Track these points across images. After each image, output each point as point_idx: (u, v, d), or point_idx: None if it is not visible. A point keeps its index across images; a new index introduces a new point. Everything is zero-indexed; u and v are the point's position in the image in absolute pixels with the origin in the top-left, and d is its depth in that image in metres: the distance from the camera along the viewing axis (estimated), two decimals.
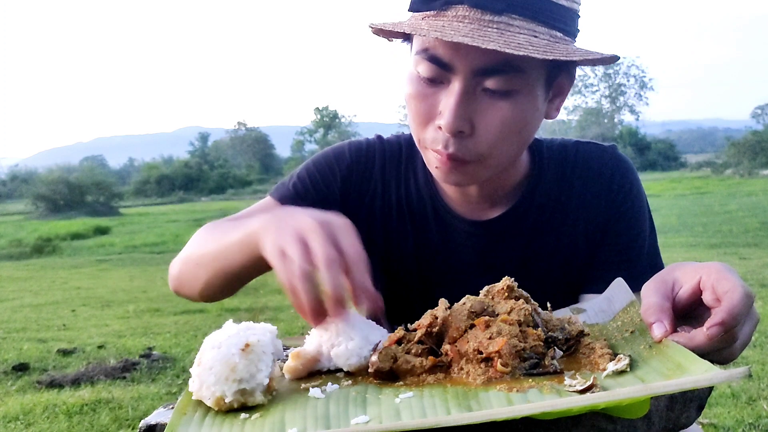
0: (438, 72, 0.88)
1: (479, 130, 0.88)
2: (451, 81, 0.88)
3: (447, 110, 0.87)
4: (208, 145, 72.71)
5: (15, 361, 4.25)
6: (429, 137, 0.92)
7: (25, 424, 3.16)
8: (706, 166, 35.42)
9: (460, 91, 0.87)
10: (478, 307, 0.75)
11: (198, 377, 0.66)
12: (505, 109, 0.88)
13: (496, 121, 0.88)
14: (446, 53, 0.86)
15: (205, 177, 45.07)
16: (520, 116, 0.89)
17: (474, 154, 0.90)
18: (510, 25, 0.84)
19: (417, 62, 0.90)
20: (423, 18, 0.88)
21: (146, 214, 26.08)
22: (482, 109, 0.88)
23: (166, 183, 44.05)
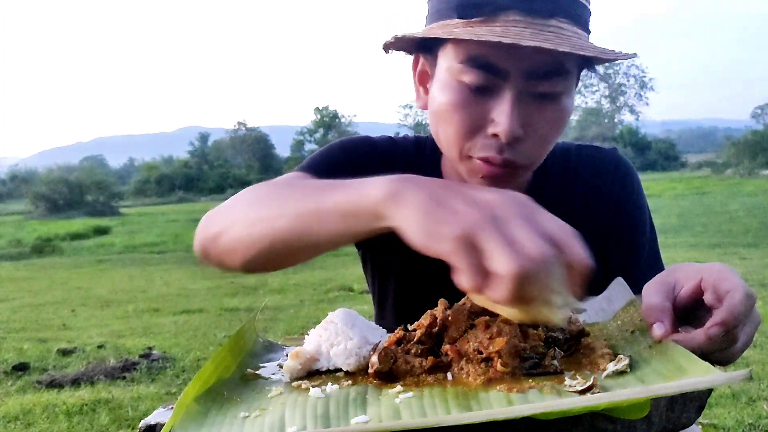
0: (488, 79, 0.86)
1: (530, 135, 0.88)
2: (500, 87, 0.86)
3: (503, 117, 0.85)
4: (208, 145, 72.72)
5: (15, 361, 4.25)
6: (477, 146, 0.89)
7: (25, 424, 3.16)
8: (706, 166, 35.46)
9: (514, 97, 0.85)
10: (478, 307, 0.75)
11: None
12: (552, 111, 0.88)
13: (546, 125, 0.88)
14: (500, 59, 0.84)
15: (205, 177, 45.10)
16: (564, 118, 0.90)
17: (526, 158, 0.89)
18: (561, 29, 0.84)
19: (461, 71, 0.87)
20: (467, 25, 0.85)
21: (146, 214, 26.09)
22: (533, 114, 0.87)
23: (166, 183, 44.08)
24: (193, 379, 0.71)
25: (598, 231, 1.04)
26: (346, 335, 0.73)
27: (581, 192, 1.06)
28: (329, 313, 0.78)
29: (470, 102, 0.87)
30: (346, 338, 0.73)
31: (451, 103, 0.89)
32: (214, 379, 0.74)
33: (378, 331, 0.77)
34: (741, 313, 0.65)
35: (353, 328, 0.74)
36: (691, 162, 44.09)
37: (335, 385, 0.69)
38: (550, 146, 0.93)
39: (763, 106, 58.01)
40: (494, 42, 0.80)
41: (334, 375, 0.74)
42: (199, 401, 0.68)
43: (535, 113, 0.87)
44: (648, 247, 1.07)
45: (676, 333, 0.69)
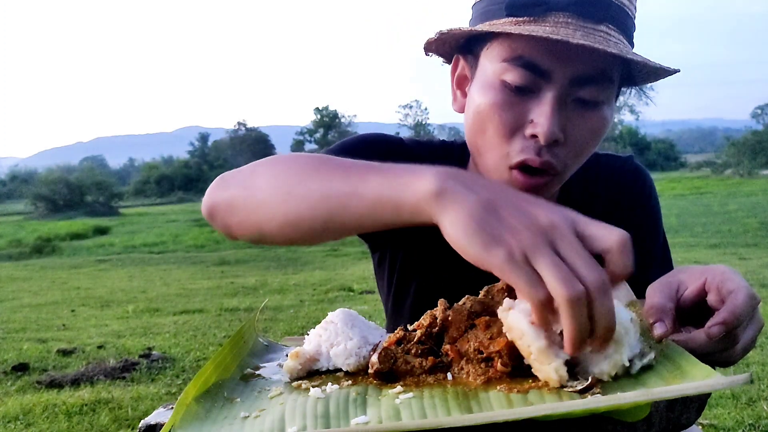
0: (531, 79, 0.85)
1: (569, 140, 0.87)
2: (542, 89, 0.85)
3: (544, 118, 0.84)
4: (208, 145, 72.74)
5: (15, 361, 4.26)
6: (516, 149, 0.88)
7: (24, 424, 3.16)
8: (706, 166, 35.46)
9: (555, 99, 0.84)
10: (478, 307, 0.75)
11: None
12: (593, 119, 0.87)
13: (586, 132, 0.88)
14: (546, 60, 0.84)
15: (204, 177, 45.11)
16: (602, 127, 0.89)
17: (563, 163, 0.88)
18: (609, 35, 0.84)
19: (504, 70, 0.86)
20: (515, 23, 0.84)
21: (146, 214, 26.10)
22: (573, 119, 0.86)
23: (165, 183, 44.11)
24: (193, 379, 0.71)
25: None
26: (346, 335, 0.73)
27: (602, 201, 1.06)
28: (329, 313, 0.78)
29: (511, 102, 0.86)
30: (346, 338, 0.73)
31: (491, 103, 0.88)
32: (214, 379, 0.74)
33: (378, 331, 0.77)
34: (742, 313, 0.65)
35: (353, 328, 0.74)
36: (691, 162, 44.08)
37: (335, 385, 0.69)
38: (586, 156, 0.92)
39: (763, 106, 57.99)
40: (541, 41, 0.80)
41: (334, 375, 0.74)
42: (199, 401, 0.68)
43: (575, 119, 0.86)
44: (662, 252, 1.08)
45: (677, 333, 0.69)
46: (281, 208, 0.71)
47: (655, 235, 1.08)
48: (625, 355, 0.66)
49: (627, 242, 0.58)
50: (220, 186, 0.80)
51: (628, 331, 0.67)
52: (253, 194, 0.75)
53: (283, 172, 0.74)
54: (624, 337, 0.66)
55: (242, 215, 0.75)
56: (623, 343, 0.66)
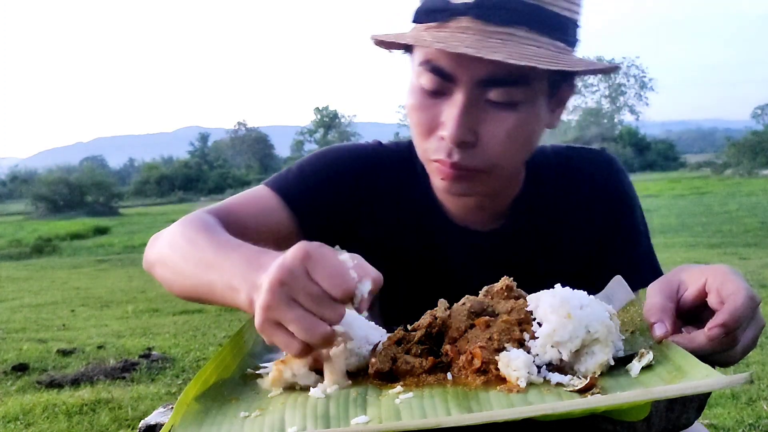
0: (440, 83, 0.87)
1: (483, 141, 0.88)
2: (453, 92, 0.87)
3: (450, 121, 0.87)
4: (208, 145, 72.71)
5: (15, 361, 4.25)
6: (432, 147, 0.91)
7: (24, 424, 3.16)
8: (706, 166, 35.43)
9: (462, 102, 0.86)
10: (478, 307, 0.75)
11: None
12: (509, 120, 0.87)
13: (501, 133, 0.88)
14: (449, 64, 0.85)
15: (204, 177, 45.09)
16: (525, 127, 0.89)
17: (478, 163, 0.89)
18: (514, 36, 0.83)
19: (419, 74, 0.89)
20: (426, 29, 0.87)
21: (146, 214, 26.09)
22: (486, 120, 0.87)
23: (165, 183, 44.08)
24: (193, 379, 0.71)
25: (594, 231, 1.05)
26: (346, 335, 0.73)
27: (575, 194, 1.06)
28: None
29: (426, 104, 0.90)
30: (346, 337, 0.72)
31: (411, 105, 0.92)
32: (214, 379, 0.74)
33: (378, 331, 0.77)
34: (742, 315, 0.65)
35: (353, 328, 0.73)
36: (691, 162, 44.06)
37: (335, 385, 0.69)
38: (513, 156, 0.92)
39: (763, 106, 58.02)
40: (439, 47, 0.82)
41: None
42: (199, 401, 0.68)
43: (489, 120, 0.87)
44: (644, 245, 1.08)
45: (677, 334, 0.69)
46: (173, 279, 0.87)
47: (637, 227, 1.08)
48: (610, 354, 0.67)
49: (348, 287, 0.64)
50: (150, 251, 0.93)
51: (611, 329, 0.67)
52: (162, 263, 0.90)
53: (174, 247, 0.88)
54: (608, 337, 0.66)
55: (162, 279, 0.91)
56: (607, 343, 0.67)
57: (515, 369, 0.65)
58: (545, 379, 0.66)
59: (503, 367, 0.66)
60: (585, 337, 0.66)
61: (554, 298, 0.69)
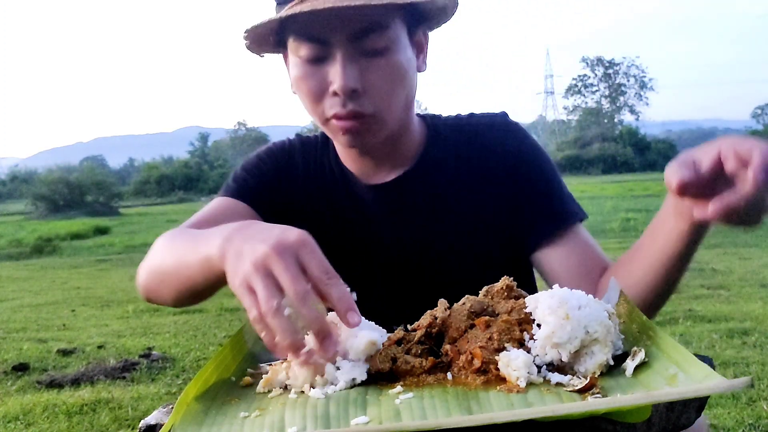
0: (319, 49, 0.98)
1: (368, 88, 0.98)
2: (331, 53, 0.98)
3: (337, 75, 0.97)
4: (208, 145, 72.72)
5: (15, 361, 4.25)
6: (327, 107, 1.00)
7: (25, 424, 3.16)
8: None
9: (343, 57, 0.97)
10: (478, 307, 0.75)
11: None
12: (382, 64, 0.98)
13: (380, 76, 0.99)
14: (322, 30, 0.97)
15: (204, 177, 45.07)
16: (398, 68, 1.00)
17: (368, 108, 0.99)
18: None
19: (297, 47, 1.00)
20: (290, 8, 0.96)
21: (146, 214, 26.09)
22: (365, 69, 0.98)
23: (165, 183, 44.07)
24: (194, 379, 0.71)
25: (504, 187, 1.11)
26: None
27: (475, 151, 1.12)
28: (329, 314, 0.78)
29: (311, 72, 1.00)
30: (352, 336, 0.72)
31: (297, 77, 1.02)
32: (214, 379, 0.74)
33: (378, 330, 0.77)
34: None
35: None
36: None
37: (335, 385, 0.69)
38: (396, 98, 1.02)
39: (763, 106, 58.03)
40: (310, 16, 0.93)
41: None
42: (199, 401, 0.68)
43: (367, 69, 0.98)
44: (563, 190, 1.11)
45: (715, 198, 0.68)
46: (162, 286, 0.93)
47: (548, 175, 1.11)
48: (609, 354, 0.67)
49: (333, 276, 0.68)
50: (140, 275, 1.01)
51: (609, 329, 0.67)
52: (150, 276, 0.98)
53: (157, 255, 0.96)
54: (606, 337, 0.66)
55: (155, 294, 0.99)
56: (606, 343, 0.67)
57: (515, 369, 0.65)
58: (545, 379, 0.66)
59: (503, 367, 0.66)
60: (584, 337, 0.66)
61: (552, 299, 0.69)
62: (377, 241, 1.12)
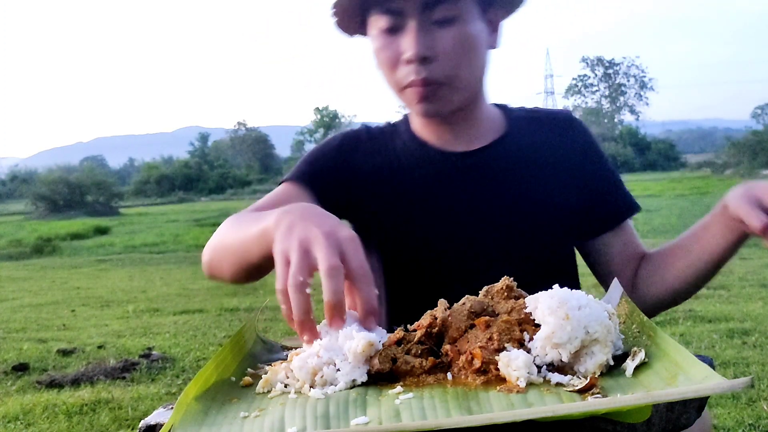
0: (394, 20, 1.05)
1: (440, 55, 1.04)
2: (405, 24, 1.04)
3: (410, 43, 1.04)
4: (208, 145, 72.72)
5: (15, 361, 4.25)
6: (402, 74, 1.07)
7: (25, 424, 3.16)
8: (706, 166, 35.41)
9: (415, 26, 1.03)
10: (478, 307, 0.75)
11: None
12: (454, 32, 1.04)
13: (451, 44, 1.04)
14: (397, 1, 1.03)
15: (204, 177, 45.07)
16: (468, 37, 1.05)
17: (440, 76, 1.05)
18: None
19: (375, 21, 1.07)
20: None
21: (146, 214, 26.09)
22: (437, 37, 1.04)
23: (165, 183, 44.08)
24: (194, 379, 0.71)
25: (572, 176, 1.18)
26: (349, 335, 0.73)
27: (549, 143, 1.18)
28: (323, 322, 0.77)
29: (388, 42, 1.07)
30: (349, 337, 0.72)
31: (376, 49, 1.09)
32: (214, 379, 0.74)
33: (378, 330, 0.77)
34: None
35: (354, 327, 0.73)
36: (691, 162, 44.04)
37: (335, 385, 0.69)
38: (467, 66, 1.07)
39: (763, 106, 58.07)
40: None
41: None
42: (199, 401, 0.68)
43: (439, 37, 1.04)
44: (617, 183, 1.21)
45: None
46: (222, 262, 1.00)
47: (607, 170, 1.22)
48: (609, 354, 0.67)
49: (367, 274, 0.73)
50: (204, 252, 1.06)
51: (609, 329, 0.67)
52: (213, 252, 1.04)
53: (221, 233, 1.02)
54: (606, 337, 0.66)
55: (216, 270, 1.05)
56: (607, 343, 0.67)
57: (515, 369, 0.65)
58: (545, 379, 0.66)
59: (503, 367, 0.66)
60: (584, 337, 0.66)
61: (552, 300, 0.69)
62: (453, 211, 1.15)
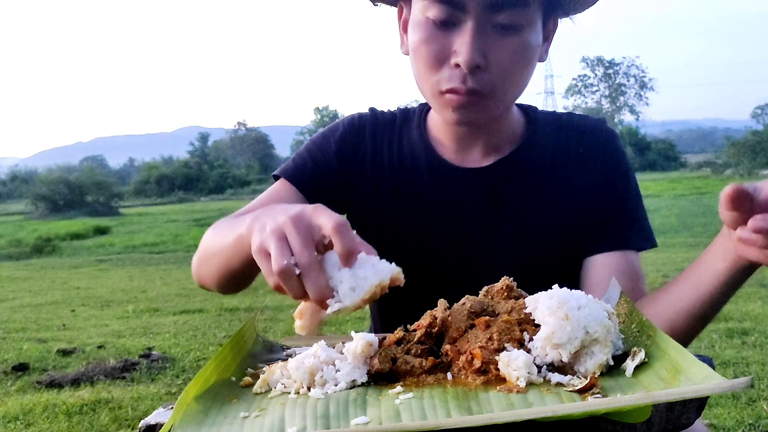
0: (450, 13, 0.92)
1: (492, 64, 0.93)
2: (462, 20, 0.92)
3: (464, 47, 0.91)
4: (208, 145, 72.71)
5: (15, 361, 4.25)
6: (444, 78, 0.95)
7: (25, 424, 3.16)
8: (706, 166, 35.41)
9: (474, 27, 0.91)
10: (478, 307, 0.75)
11: None
12: (514, 42, 0.93)
13: (507, 55, 0.93)
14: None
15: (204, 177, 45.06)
16: (527, 50, 0.95)
17: (489, 87, 0.94)
18: None
19: (426, 7, 0.94)
20: None
21: (146, 214, 26.08)
22: (494, 44, 0.93)
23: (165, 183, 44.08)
24: (194, 378, 0.71)
25: (589, 186, 1.09)
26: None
27: (574, 148, 1.10)
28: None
29: (436, 36, 0.94)
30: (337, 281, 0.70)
31: (419, 39, 0.96)
32: (214, 379, 0.74)
33: (382, 262, 0.73)
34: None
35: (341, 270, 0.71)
36: (691, 162, 44.10)
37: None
38: (517, 78, 0.97)
39: (763, 106, 58.04)
40: None
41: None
42: (199, 401, 0.68)
43: (496, 44, 0.93)
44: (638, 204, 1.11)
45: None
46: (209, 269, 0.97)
47: (632, 187, 1.11)
48: (609, 354, 0.67)
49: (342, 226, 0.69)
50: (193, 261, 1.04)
51: (609, 329, 0.67)
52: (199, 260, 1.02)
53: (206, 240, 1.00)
54: (606, 337, 0.66)
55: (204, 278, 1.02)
56: (606, 343, 0.67)
57: (515, 369, 0.65)
58: (545, 378, 0.66)
59: (503, 367, 0.66)
60: (584, 337, 0.66)
61: (552, 300, 0.69)
62: (461, 224, 1.09)
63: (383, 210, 1.12)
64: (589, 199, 1.09)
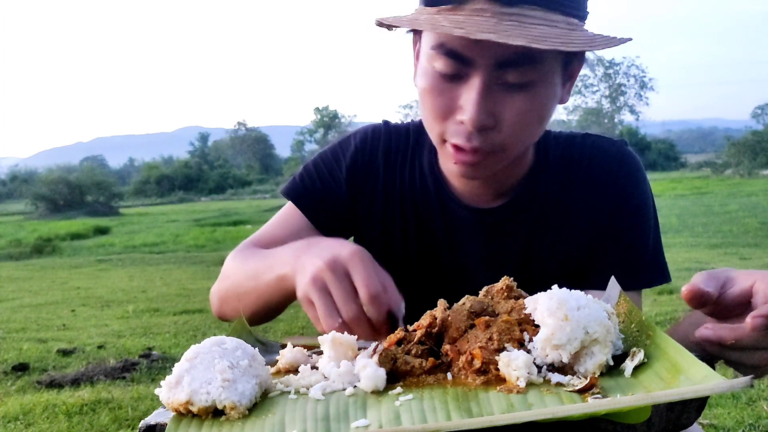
0: (456, 67, 0.86)
1: (501, 123, 0.88)
2: (470, 75, 0.86)
3: (470, 105, 0.86)
4: (208, 145, 72.74)
5: (15, 361, 4.25)
6: (449, 131, 0.91)
7: (25, 424, 3.16)
8: (706, 166, 35.42)
9: (481, 86, 0.85)
10: (478, 307, 0.75)
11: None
12: (524, 100, 0.88)
13: (517, 113, 0.88)
14: (466, 48, 0.84)
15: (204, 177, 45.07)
16: (539, 107, 0.90)
17: (496, 146, 0.90)
18: (527, 17, 0.82)
19: (433, 57, 0.88)
20: (438, 12, 0.85)
21: (146, 214, 26.09)
22: (503, 102, 0.87)
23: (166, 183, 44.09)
24: None
25: (600, 222, 1.04)
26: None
27: (583, 182, 1.04)
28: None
29: (441, 88, 0.89)
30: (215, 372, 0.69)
31: (425, 88, 0.91)
32: None
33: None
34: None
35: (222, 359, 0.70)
36: (691, 162, 44.13)
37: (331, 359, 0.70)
38: (529, 134, 0.93)
39: (763, 106, 58.04)
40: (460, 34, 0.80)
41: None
42: None
43: (505, 102, 0.87)
44: (652, 244, 1.05)
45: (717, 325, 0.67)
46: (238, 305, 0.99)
47: (645, 224, 1.05)
48: (609, 354, 0.67)
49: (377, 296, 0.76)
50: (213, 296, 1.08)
51: (609, 329, 0.67)
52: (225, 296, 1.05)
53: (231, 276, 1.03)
54: (606, 337, 0.66)
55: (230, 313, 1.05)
56: (606, 343, 0.67)
57: (515, 369, 0.65)
58: (545, 379, 0.66)
59: (503, 367, 0.66)
60: (584, 338, 0.66)
61: (551, 301, 0.68)
62: (465, 263, 1.06)
63: (392, 238, 1.09)
64: (595, 237, 1.04)
